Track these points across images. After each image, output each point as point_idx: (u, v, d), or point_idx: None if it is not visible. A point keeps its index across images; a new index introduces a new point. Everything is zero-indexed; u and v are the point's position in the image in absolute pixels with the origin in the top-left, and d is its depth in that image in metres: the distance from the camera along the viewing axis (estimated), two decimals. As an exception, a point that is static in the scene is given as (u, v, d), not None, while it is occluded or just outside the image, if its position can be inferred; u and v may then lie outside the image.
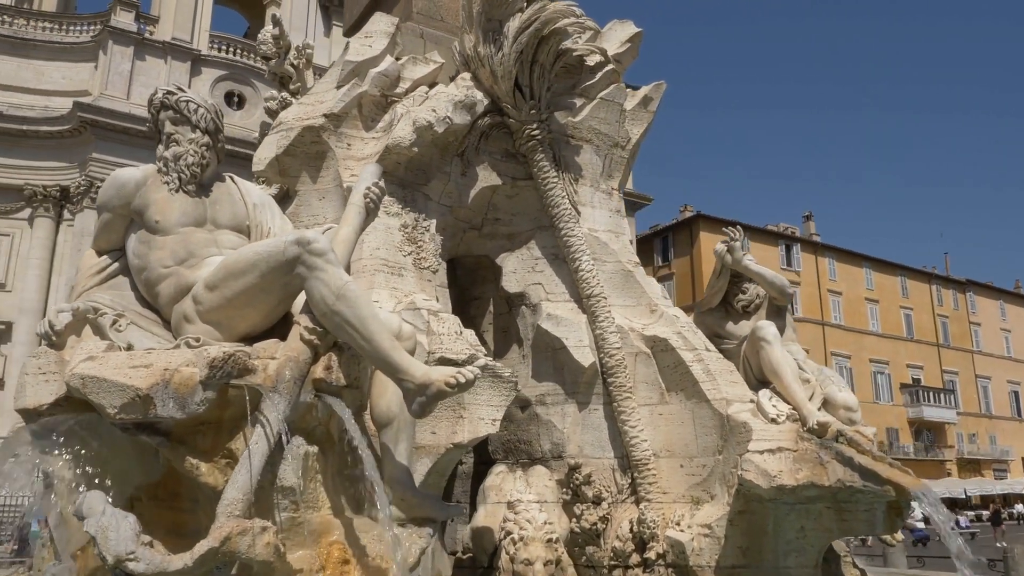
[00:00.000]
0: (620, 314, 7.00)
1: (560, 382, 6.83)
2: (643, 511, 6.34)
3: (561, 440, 6.71)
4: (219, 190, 4.73)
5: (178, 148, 4.54)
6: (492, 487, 6.36)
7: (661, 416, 6.81)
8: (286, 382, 3.87)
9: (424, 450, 5.17)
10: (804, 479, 5.69)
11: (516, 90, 6.80)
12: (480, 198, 7.03)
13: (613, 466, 6.70)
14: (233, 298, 4.14)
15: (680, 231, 54.08)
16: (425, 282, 6.07)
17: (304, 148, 6.26)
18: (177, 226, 4.45)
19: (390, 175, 6.27)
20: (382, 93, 6.37)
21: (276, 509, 3.92)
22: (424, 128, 6.09)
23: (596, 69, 7.45)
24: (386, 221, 6.06)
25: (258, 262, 4.07)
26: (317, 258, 3.96)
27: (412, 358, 4.06)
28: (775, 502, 5.91)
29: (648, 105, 7.86)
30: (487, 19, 6.72)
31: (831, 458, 5.74)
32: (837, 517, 5.92)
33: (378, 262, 5.83)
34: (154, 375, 3.67)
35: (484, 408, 5.34)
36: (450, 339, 5.33)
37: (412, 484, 4.32)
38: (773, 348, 6.70)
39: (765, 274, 7.54)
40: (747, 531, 6.12)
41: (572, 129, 7.35)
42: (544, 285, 7.07)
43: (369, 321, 3.97)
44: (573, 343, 6.71)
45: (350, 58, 6.38)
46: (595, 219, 7.31)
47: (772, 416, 6.17)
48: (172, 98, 4.60)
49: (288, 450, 3.93)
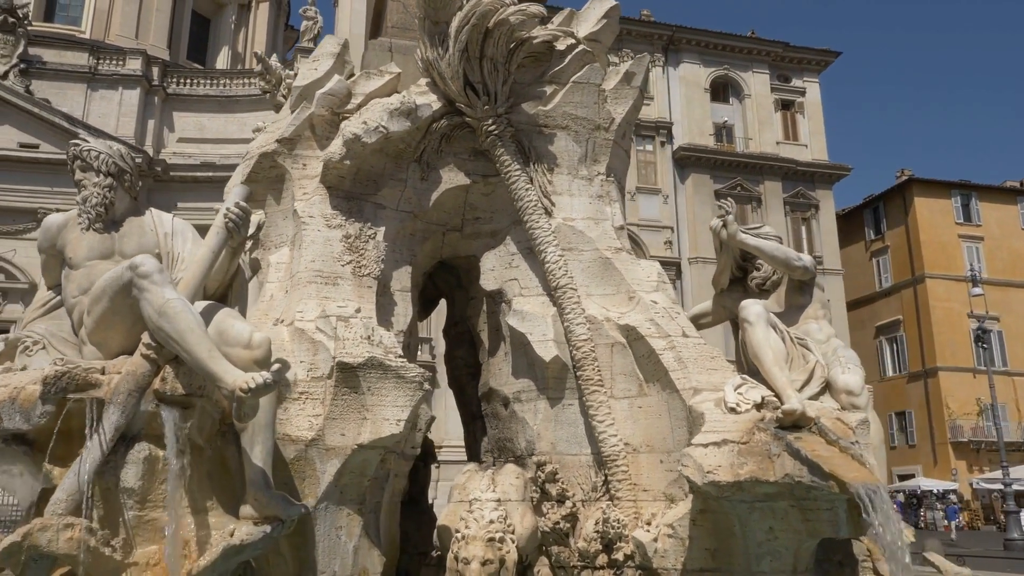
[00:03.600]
0: (598, 304, 6.70)
1: (533, 378, 6.69)
2: (606, 510, 6.04)
3: (533, 437, 6.57)
4: (130, 224, 5.31)
5: (85, 192, 5.18)
6: (458, 486, 6.38)
7: (640, 409, 6.42)
8: (121, 394, 4.30)
9: (333, 451, 5.38)
10: (747, 474, 5.11)
11: (468, 88, 6.78)
12: (450, 199, 7.08)
13: (589, 463, 6.43)
14: (99, 321, 4.67)
15: (892, 199, 48.85)
16: (365, 289, 6.27)
17: (265, 173, 6.75)
18: (85, 260, 5.07)
19: (335, 189, 6.58)
20: (332, 112, 6.68)
21: (124, 509, 4.35)
22: (352, 141, 6.30)
23: (567, 53, 7.20)
24: (326, 234, 6.35)
25: (107, 288, 4.56)
26: (143, 280, 4.36)
27: (229, 366, 4.30)
28: (731, 500, 5.36)
29: (632, 81, 7.43)
30: (432, 23, 6.78)
31: (782, 450, 5.08)
32: (801, 517, 5.24)
33: (312, 274, 6.14)
34: (6, 392, 4.27)
35: (389, 409, 5.43)
36: (352, 343, 5.49)
37: (265, 485, 4.56)
38: (755, 329, 6.05)
39: (764, 247, 6.82)
40: (714, 532, 5.61)
41: (544, 118, 7.15)
42: (519, 280, 6.96)
43: (187, 334, 4.28)
44: (537, 337, 6.55)
45: (297, 83, 6.78)
46: (573, 208, 7.06)
47: (732, 404, 5.58)
48: (77, 149, 5.26)
49: (130, 455, 4.35)
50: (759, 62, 44.05)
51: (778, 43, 44.41)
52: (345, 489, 5.49)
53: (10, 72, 32.45)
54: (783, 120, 44.34)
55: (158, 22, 41.15)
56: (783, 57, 44.51)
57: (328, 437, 5.39)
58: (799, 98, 44.67)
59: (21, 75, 32.69)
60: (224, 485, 4.75)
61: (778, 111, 44.26)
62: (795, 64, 44.92)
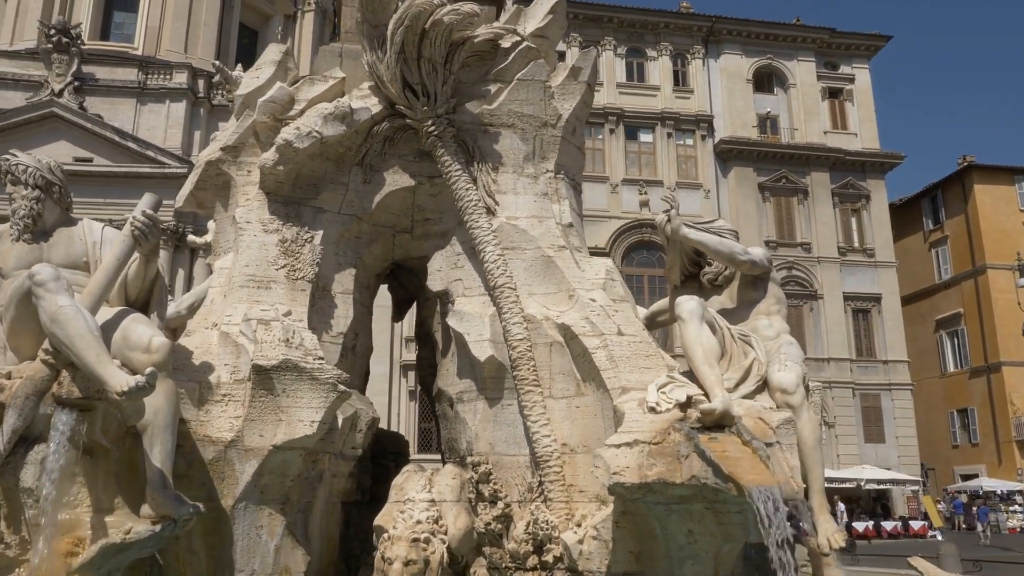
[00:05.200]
0: (539, 303, 6.64)
1: (474, 379, 6.67)
2: (535, 511, 5.99)
3: (471, 438, 6.56)
4: (60, 234, 5.52)
5: (14, 204, 5.41)
6: (395, 486, 6.41)
7: (578, 409, 6.35)
8: (19, 397, 4.48)
9: (252, 452, 5.47)
10: (655, 476, 4.99)
11: (408, 90, 6.81)
12: (396, 201, 7.12)
13: (527, 464, 6.38)
14: (10, 328, 4.87)
15: (951, 187, 46.76)
16: (298, 292, 6.36)
17: (212, 181, 6.91)
18: (14, 270, 5.29)
19: (274, 195, 6.69)
20: (274, 118, 6.78)
21: (24, 508, 4.53)
22: (284, 147, 6.40)
23: (511, 51, 7.16)
24: (262, 239, 6.47)
25: (12, 296, 4.76)
26: (39, 288, 4.53)
27: (114, 370, 4.43)
28: (647, 503, 5.25)
29: (579, 76, 7.32)
30: (371, 26, 6.82)
31: (690, 451, 4.95)
32: (716, 520, 5.10)
33: (245, 278, 6.26)
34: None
35: (304, 411, 5.49)
36: (270, 346, 5.57)
37: (162, 485, 4.67)
38: (687, 326, 5.90)
39: (707, 242, 6.65)
40: (636, 534, 5.51)
41: (489, 116, 7.12)
42: (464, 280, 6.95)
43: (76, 339, 4.43)
44: (474, 337, 6.53)
45: (240, 92, 6.91)
46: (517, 206, 7.01)
47: (652, 404, 5.46)
48: (7, 164, 5.50)
49: (29, 456, 4.53)
50: (804, 50, 42.81)
51: (824, 29, 43.07)
52: (266, 489, 5.58)
53: (65, 90, 33.98)
54: (831, 109, 42.99)
55: (206, 36, 42.46)
56: (829, 44, 43.15)
57: (247, 438, 5.49)
58: (847, 85, 43.23)
59: (75, 92, 34.19)
60: (133, 486, 4.89)
61: (825, 100, 42.92)
62: (843, 50, 43.50)
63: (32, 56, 35.39)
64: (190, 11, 41.45)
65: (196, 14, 41.80)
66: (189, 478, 5.31)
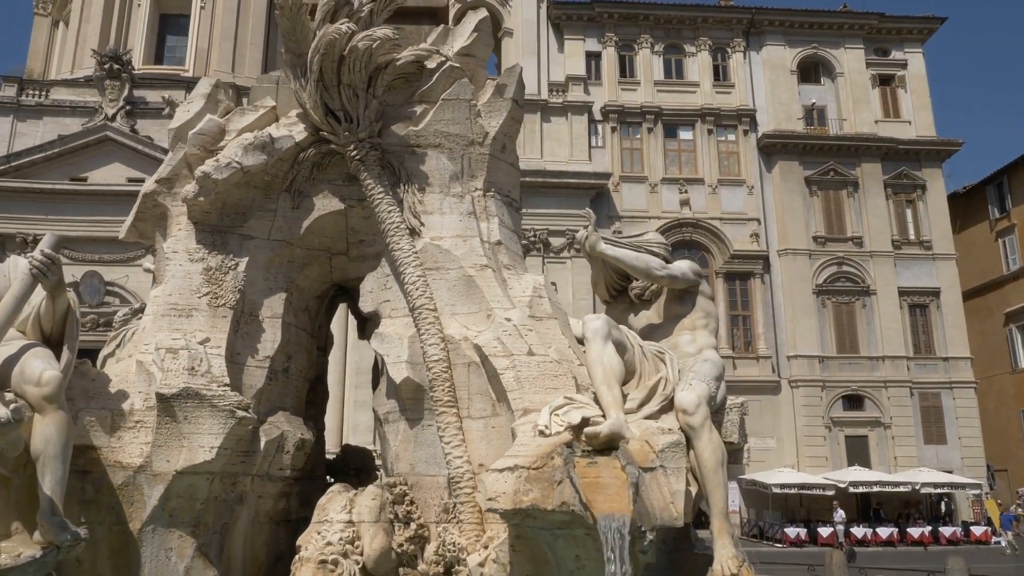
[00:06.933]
0: (460, 323, 6.67)
1: (397, 399, 6.73)
2: (443, 533, 6.01)
3: (392, 458, 6.62)
4: None
5: None
6: (319, 506, 6.50)
7: (494, 429, 6.35)
8: (-86, 426, 4.76)
9: (159, 477, 5.67)
10: (530, 502, 4.97)
11: (330, 116, 6.93)
12: (329, 225, 7.24)
13: (444, 484, 6.41)
14: None
15: (1017, 173, 44.35)
16: (219, 319, 6.53)
17: (150, 212, 7.18)
18: None
19: (201, 224, 6.90)
20: (205, 150, 6.99)
21: (-81, 534, 4.81)
22: (203, 178, 6.59)
23: (436, 71, 7.21)
24: (187, 267, 6.68)
25: (-87, 333, 5.06)
26: None
27: None
28: (532, 528, 5.22)
29: (504, 92, 7.31)
30: (295, 55, 6.97)
31: (564, 477, 4.90)
32: (595, 546, 5.00)
33: (167, 307, 6.48)
34: None
35: (204, 436, 5.66)
36: (174, 375, 5.77)
37: (50, 513, 4.90)
38: (591, 345, 5.84)
39: (623, 257, 6.55)
40: (531, 559, 5.49)
41: (416, 138, 7.18)
42: (391, 301, 7.02)
43: (-33, 373, 4.69)
44: (392, 359, 6.59)
45: (171, 125, 7.16)
46: (443, 226, 7.04)
47: (542, 427, 5.42)
48: None
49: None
50: (852, 37, 41.38)
51: (872, 14, 41.54)
52: (175, 512, 5.77)
53: (117, 114, 35.65)
54: (882, 97, 41.42)
55: (251, 55, 43.88)
56: (879, 29, 41.58)
57: (155, 463, 5.70)
58: (899, 72, 41.58)
59: (127, 116, 35.86)
60: (33, 512, 5.14)
61: (876, 87, 41.39)
62: (893, 35, 41.85)
63: (89, 83, 37.25)
64: (236, 30, 42.91)
65: (243, 33, 43.27)
66: (97, 503, 5.55)
